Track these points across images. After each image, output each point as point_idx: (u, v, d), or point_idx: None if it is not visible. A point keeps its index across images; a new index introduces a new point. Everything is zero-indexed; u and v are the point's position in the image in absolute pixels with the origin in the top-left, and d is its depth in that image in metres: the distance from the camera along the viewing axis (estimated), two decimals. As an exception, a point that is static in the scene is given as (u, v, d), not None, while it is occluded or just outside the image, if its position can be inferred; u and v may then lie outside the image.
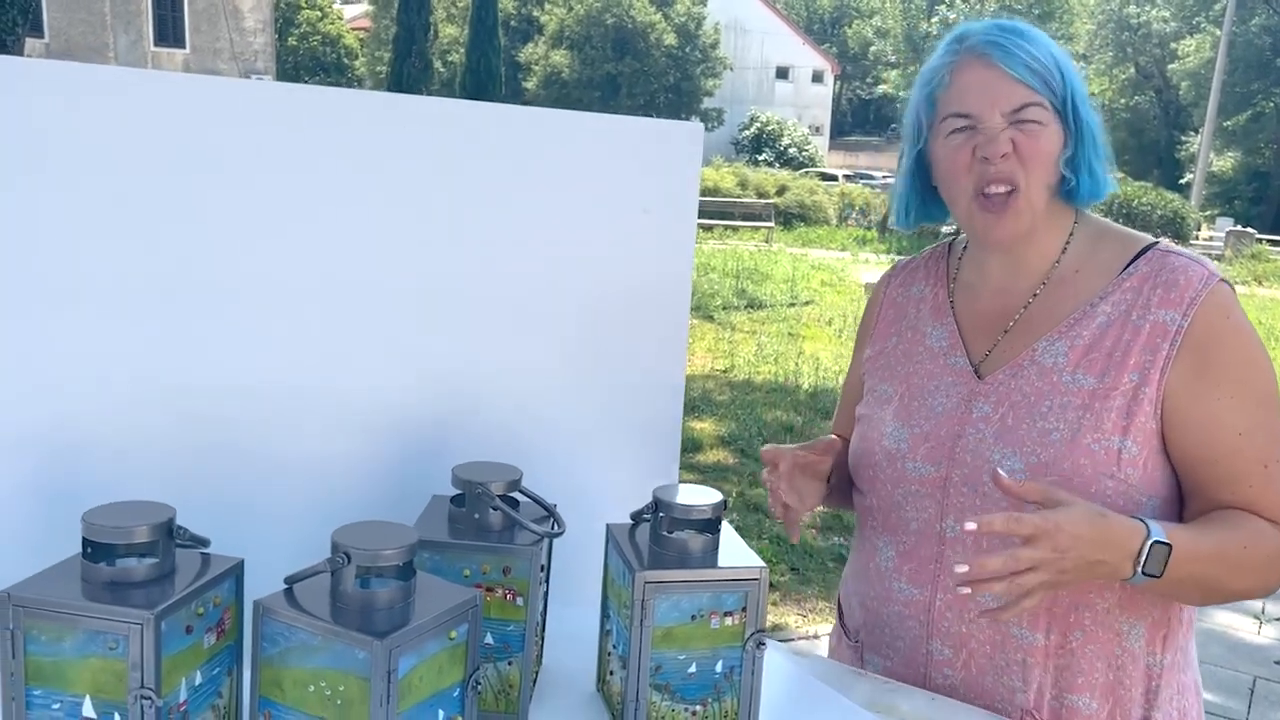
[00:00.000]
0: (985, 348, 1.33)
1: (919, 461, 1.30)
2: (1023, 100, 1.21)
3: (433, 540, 1.09)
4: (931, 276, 1.45)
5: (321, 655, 0.89)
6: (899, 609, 1.33)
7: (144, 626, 0.88)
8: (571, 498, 1.31)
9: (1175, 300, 1.22)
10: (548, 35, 31.53)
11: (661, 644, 1.07)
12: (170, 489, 1.06)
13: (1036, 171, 1.23)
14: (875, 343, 1.46)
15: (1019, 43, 1.22)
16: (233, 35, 28.01)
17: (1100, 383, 1.22)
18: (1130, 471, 1.20)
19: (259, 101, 1.12)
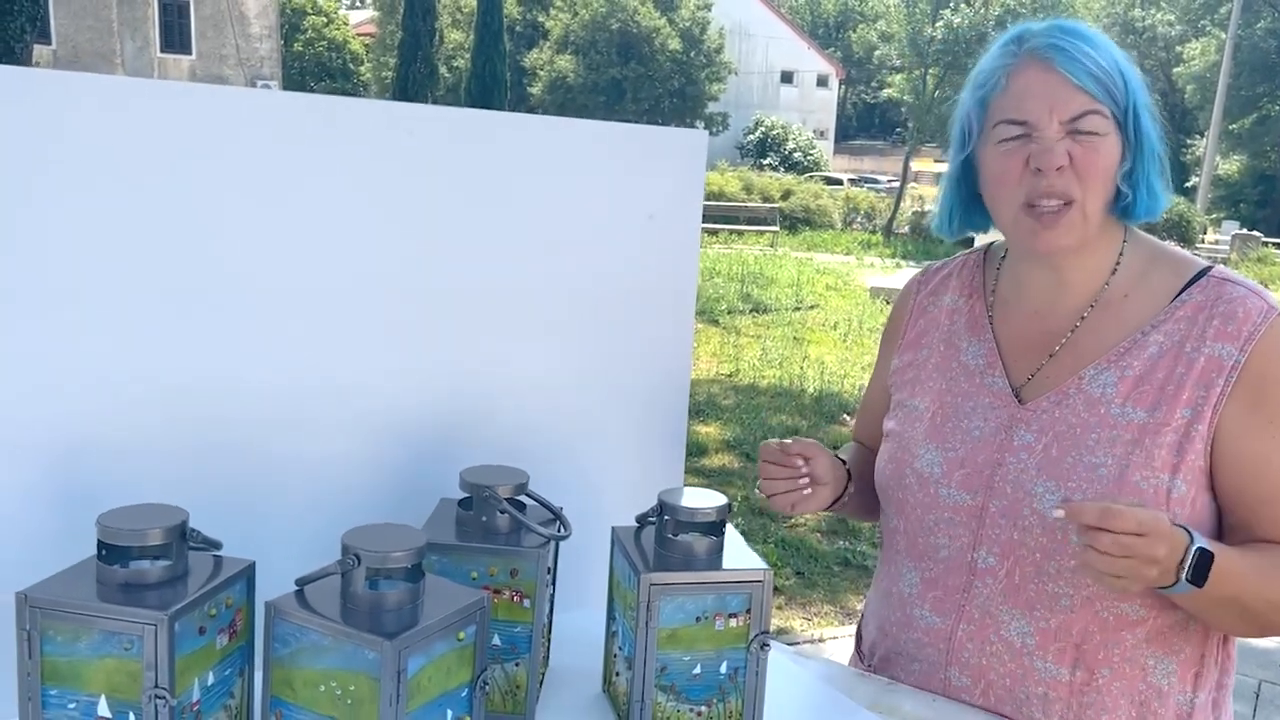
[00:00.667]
0: (1026, 370, 1.27)
1: (953, 488, 1.26)
2: (1083, 108, 1.15)
3: (440, 543, 1.11)
4: (966, 287, 1.38)
5: (332, 656, 0.91)
6: (919, 636, 1.30)
7: (158, 627, 0.89)
8: (579, 501, 1.32)
9: (1233, 334, 1.17)
10: (553, 40, 31.59)
11: (666, 645, 1.09)
12: (183, 492, 1.07)
13: (1094, 186, 1.17)
14: (904, 353, 1.41)
15: (1083, 47, 1.16)
16: (239, 41, 28.09)
17: (1151, 417, 1.17)
18: (1178, 511, 1.16)
19: (265, 109, 1.14)
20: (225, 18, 27.86)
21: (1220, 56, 27.86)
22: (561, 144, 1.33)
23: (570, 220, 1.34)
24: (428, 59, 21.47)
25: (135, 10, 26.25)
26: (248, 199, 1.13)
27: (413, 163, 1.23)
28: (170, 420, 1.13)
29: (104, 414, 1.10)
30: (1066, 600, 1.20)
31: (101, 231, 1.06)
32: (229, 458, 1.17)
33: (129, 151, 1.06)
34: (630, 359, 1.42)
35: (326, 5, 38.06)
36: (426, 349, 1.29)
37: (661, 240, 1.41)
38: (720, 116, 34.02)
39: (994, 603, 1.24)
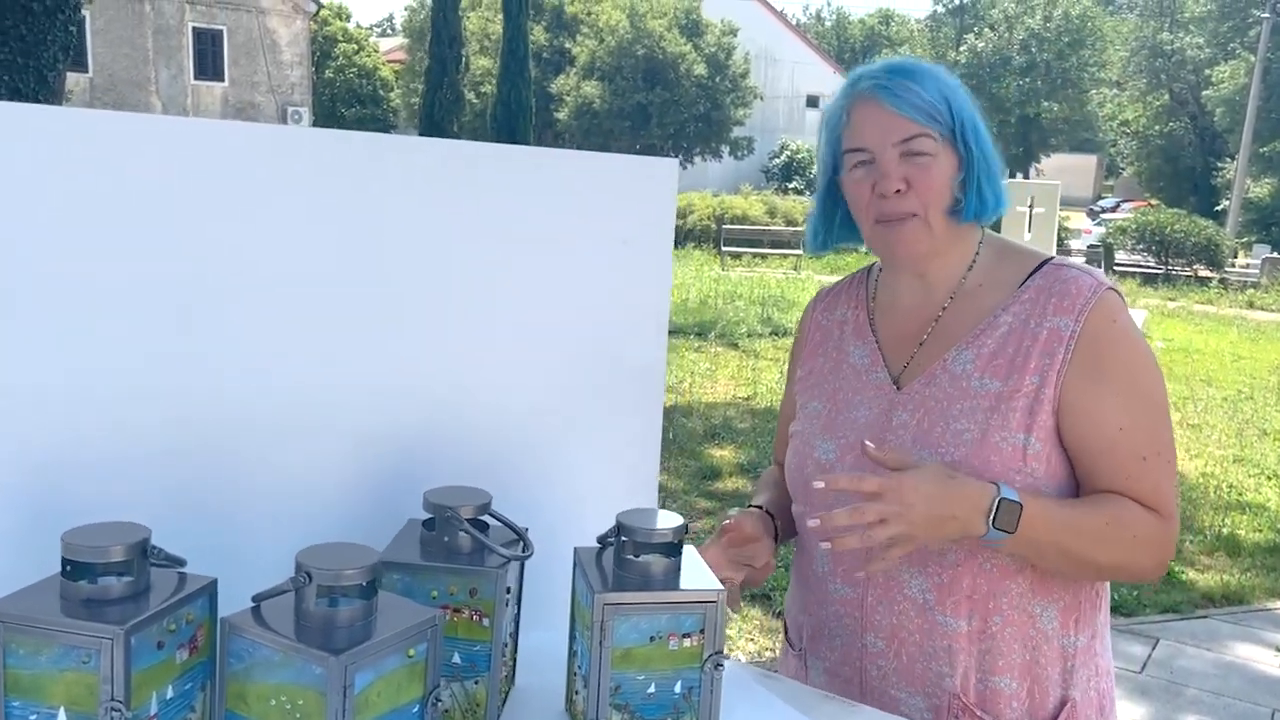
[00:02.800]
0: (902, 360, 1.44)
1: (847, 469, 1.39)
2: (911, 133, 1.33)
3: (400, 562, 1.13)
4: (852, 300, 1.56)
5: (283, 671, 0.93)
6: (835, 609, 1.43)
7: (114, 642, 0.92)
8: (552, 522, 1.35)
9: (1068, 308, 1.33)
10: (579, 66, 31.87)
11: (621, 664, 1.10)
12: (152, 510, 1.10)
13: (932, 200, 1.34)
14: (804, 364, 1.57)
15: (905, 83, 1.34)
16: (270, 69, 28.56)
17: (1005, 385, 1.33)
18: (1035, 466, 1.31)
19: (238, 139, 1.18)
20: (257, 46, 28.35)
21: (1249, 79, 27.66)
22: (537, 172, 1.37)
23: (544, 246, 1.37)
24: (454, 86, 21.73)
25: (170, 39, 26.77)
26: (213, 222, 1.17)
27: (387, 190, 1.27)
28: (141, 440, 1.16)
29: (77, 433, 1.13)
30: (953, 555, 1.34)
31: (68, 254, 1.10)
32: (200, 477, 1.20)
33: (102, 176, 1.10)
34: (604, 382, 1.44)
35: (357, 33, 38.65)
36: (399, 370, 1.32)
37: (634, 266, 1.43)
38: (746, 141, 34.14)
39: (892, 565, 1.34)
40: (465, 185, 1.31)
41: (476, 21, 33.09)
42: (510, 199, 1.34)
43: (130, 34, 26.14)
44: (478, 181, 1.32)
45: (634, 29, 31.21)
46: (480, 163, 1.33)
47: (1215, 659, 4.14)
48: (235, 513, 1.22)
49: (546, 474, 1.43)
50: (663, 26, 31.48)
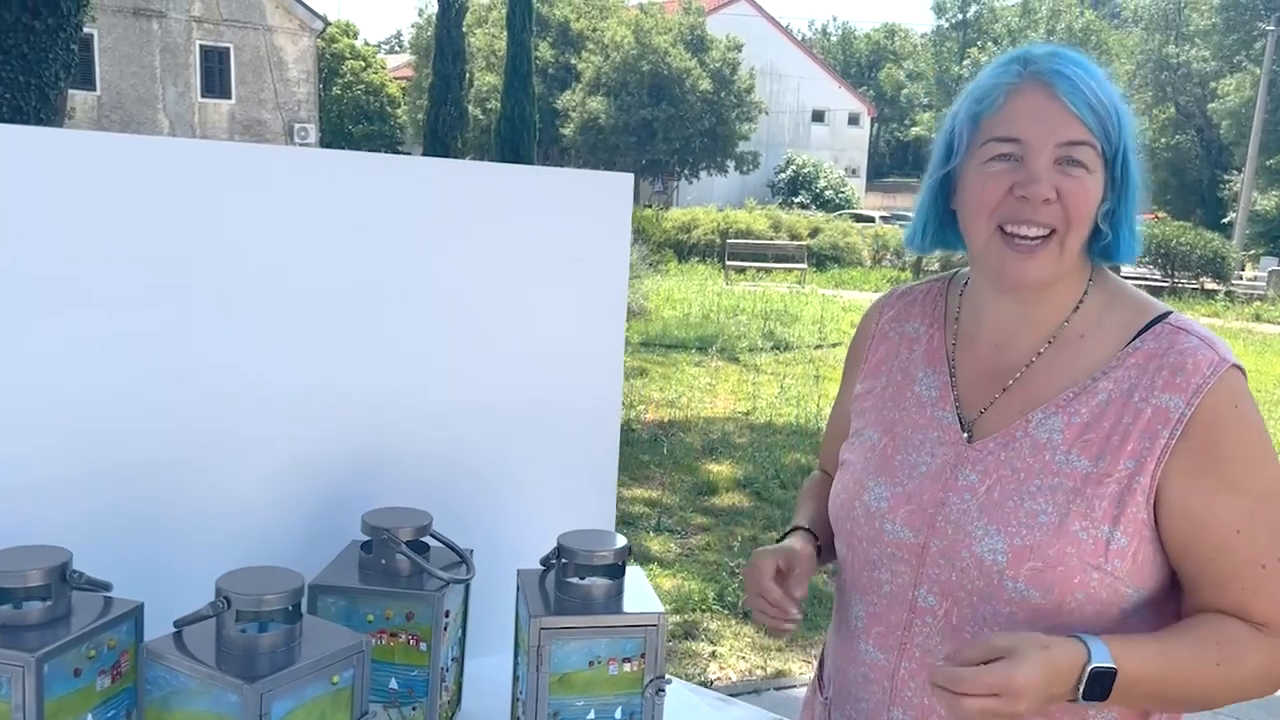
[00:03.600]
0: (978, 404, 1.25)
1: (898, 524, 1.24)
2: (1079, 137, 1.12)
3: (333, 585, 1.11)
4: (928, 315, 1.35)
5: (200, 699, 0.91)
6: (864, 671, 1.28)
7: (25, 670, 0.90)
8: (505, 544, 1.32)
9: (1182, 385, 1.14)
10: (585, 82, 31.95)
11: (559, 690, 1.08)
12: (87, 535, 1.09)
13: (1078, 223, 1.14)
14: (865, 380, 1.38)
15: (1085, 78, 1.13)
16: (277, 86, 28.68)
17: (1095, 467, 1.15)
18: (1118, 564, 1.14)
19: (183, 156, 1.16)
20: (264, 63, 28.49)
21: (1255, 92, 27.62)
22: (490, 188, 1.35)
23: (495, 262, 1.35)
24: (457, 102, 21.78)
25: (177, 57, 26.92)
26: (147, 243, 1.15)
27: (335, 205, 1.25)
28: (78, 463, 1.14)
29: (12, 456, 1.11)
30: None
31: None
32: (138, 500, 1.18)
33: (37, 196, 1.08)
34: (559, 401, 1.42)
35: (365, 50, 38.85)
36: (346, 390, 1.29)
37: (589, 281, 1.41)
38: (751, 155, 34.16)
39: (933, 642, 1.22)
40: (411, 201, 1.29)
41: (482, 38, 33.23)
42: (458, 215, 1.32)
43: (138, 52, 26.30)
44: (424, 198, 1.30)
45: (639, 45, 31.28)
46: (428, 179, 1.31)
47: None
48: (175, 536, 1.20)
49: (501, 495, 1.40)
50: (668, 42, 31.56)
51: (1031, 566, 1.14)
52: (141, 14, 26.09)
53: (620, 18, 32.79)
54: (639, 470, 6.22)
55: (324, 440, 1.28)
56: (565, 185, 1.40)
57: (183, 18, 26.76)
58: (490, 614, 1.31)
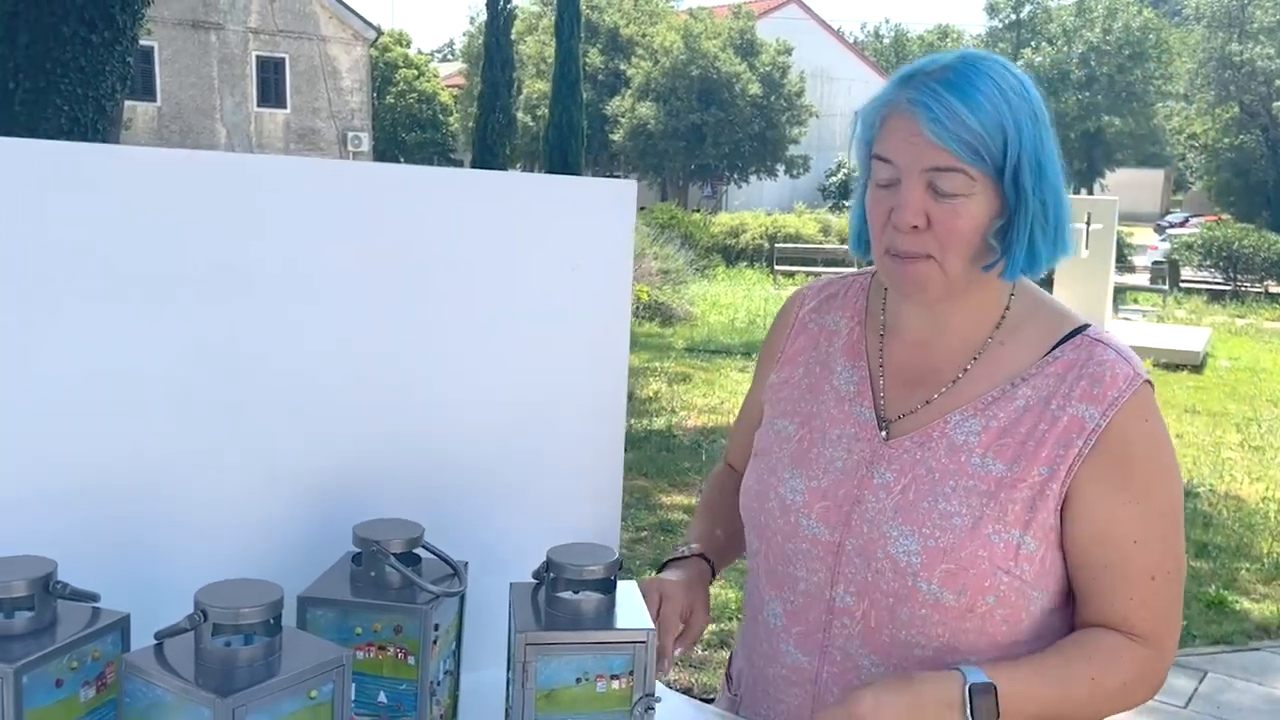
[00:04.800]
0: (900, 403, 1.25)
1: (814, 520, 1.24)
2: (942, 164, 1.12)
3: (320, 597, 1.10)
4: (849, 309, 1.36)
5: (176, 713, 0.90)
6: (785, 673, 1.28)
7: (3, 680, 0.90)
8: (506, 557, 1.31)
9: (1098, 397, 1.16)
10: (634, 88, 32.02)
11: (545, 707, 1.06)
12: (80, 549, 1.09)
13: (953, 248, 1.15)
14: (781, 369, 1.37)
15: (952, 106, 1.11)
16: (331, 95, 29.14)
17: (1010, 471, 1.17)
18: (1026, 568, 1.16)
19: (168, 167, 1.16)
20: (318, 73, 28.96)
21: (1322, 89, 26.83)
22: (488, 196, 1.34)
23: (498, 273, 1.34)
24: (506, 109, 21.96)
25: (234, 68, 27.47)
26: (146, 259, 1.15)
27: (329, 216, 1.24)
28: (69, 476, 1.14)
29: (13, 466, 1.12)
30: (919, 650, 1.19)
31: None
32: (131, 513, 1.18)
33: (52, 212, 1.09)
34: (560, 412, 1.40)
35: (418, 58, 39.34)
36: (345, 402, 1.29)
37: (591, 290, 1.39)
38: (801, 159, 33.98)
39: (854, 645, 1.23)
40: (409, 211, 1.28)
41: (533, 45, 33.46)
42: (457, 224, 1.31)
43: (196, 63, 26.87)
44: (424, 206, 1.29)
45: (688, 50, 31.28)
46: (427, 188, 1.30)
47: (1266, 694, 3.96)
48: (167, 549, 1.20)
49: (503, 508, 1.39)
50: (717, 47, 31.52)
51: (945, 568, 1.15)
52: (200, 26, 26.67)
53: (669, 23, 32.83)
54: (679, 477, 6.19)
55: (321, 453, 1.27)
56: (568, 193, 1.39)
57: (239, 29, 27.30)
58: (489, 627, 1.30)
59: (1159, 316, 15.03)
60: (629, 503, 5.55)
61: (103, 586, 1.04)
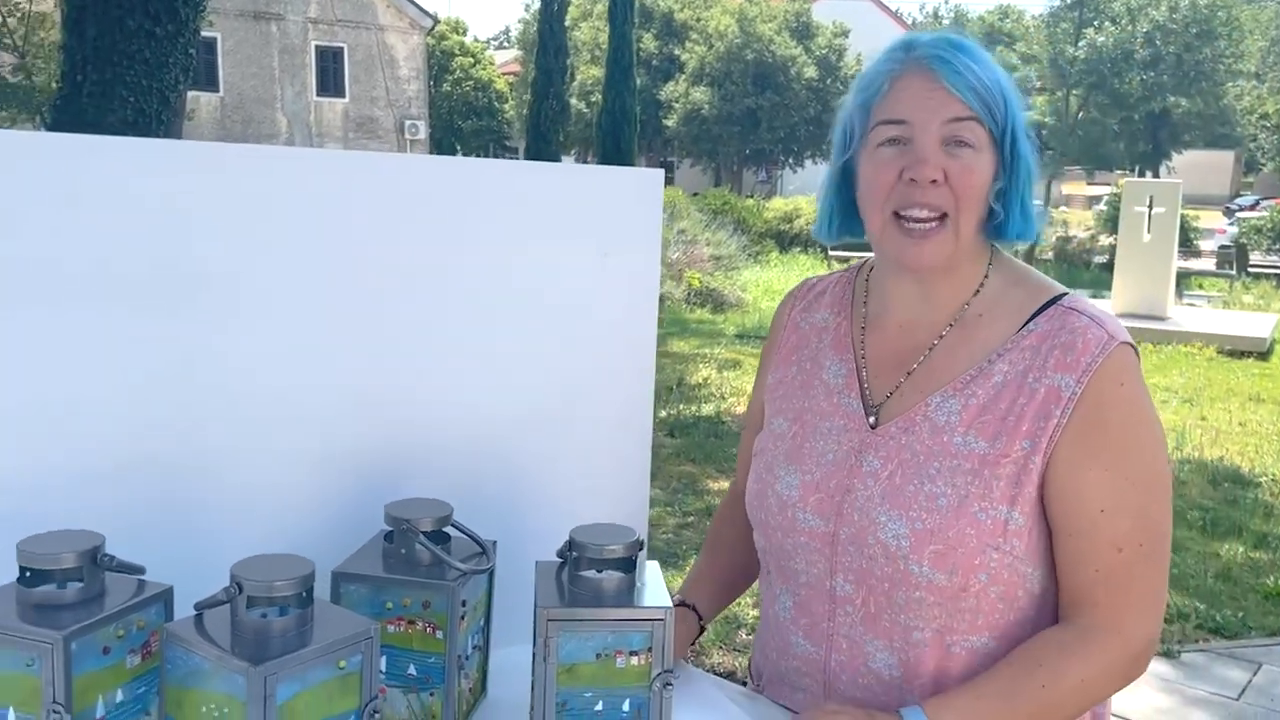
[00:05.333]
0: (885, 389, 1.27)
1: (809, 513, 1.27)
2: (963, 114, 1.15)
3: (352, 573, 1.15)
4: (836, 304, 1.38)
5: (212, 679, 0.96)
6: (797, 664, 1.31)
7: (54, 647, 0.96)
8: (538, 537, 1.34)
9: (1072, 364, 1.16)
10: (688, 73, 31.92)
11: (566, 681, 1.10)
12: (127, 524, 1.15)
13: (968, 203, 1.17)
14: (776, 370, 1.40)
15: (966, 61, 1.16)
16: (388, 84, 29.45)
17: (992, 448, 1.17)
18: (1016, 543, 1.17)
19: (206, 159, 1.21)
20: (376, 62, 29.28)
21: (1402, 66, 25.88)
22: (517, 184, 1.37)
23: (524, 259, 1.37)
24: (560, 96, 22.03)
25: (294, 58, 27.88)
26: (177, 239, 1.20)
27: (360, 204, 1.29)
28: (116, 454, 1.20)
29: (53, 447, 1.18)
30: (918, 633, 1.21)
31: (36, 280, 1.15)
32: (175, 490, 1.24)
33: (45, 209, 1.15)
34: (590, 396, 1.44)
35: (474, 46, 39.57)
36: (379, 385, 1.33)
37: (620, 276, 1.42)
38: (858, 143, 33.63)
39: (857, 632, 1.25)
40: (443, 200, 1.32)
41: (588, 31, 33.49)
42: (487, 211, 1.34)
43: (257, 54, 27.32)
44: (456, 196, 1.33)
45: (743, 33, 31.10)
46: (457, 177, 1.34)
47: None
48: (211, 524, 1.25)
49: (535, 489, 1.43)
50: (772, 30, 31.29)
51: (933, 549, 1.16)
52: (261, 17, 27.10)
53: (724, 7, 32.64)
54: (727, 463, 6.21)
55: (356, 435, 1.32)
56: (595, 182, 1.42)
57: (299, 19, 27.69)
58: (519, 604, 1.34)
59: (1225, 302, 14.65)
60: (676, 488, 5.59)
61: (148, 560, 1.09)
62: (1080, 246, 19.40)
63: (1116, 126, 25.10)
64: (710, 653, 3.66)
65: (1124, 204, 11.54)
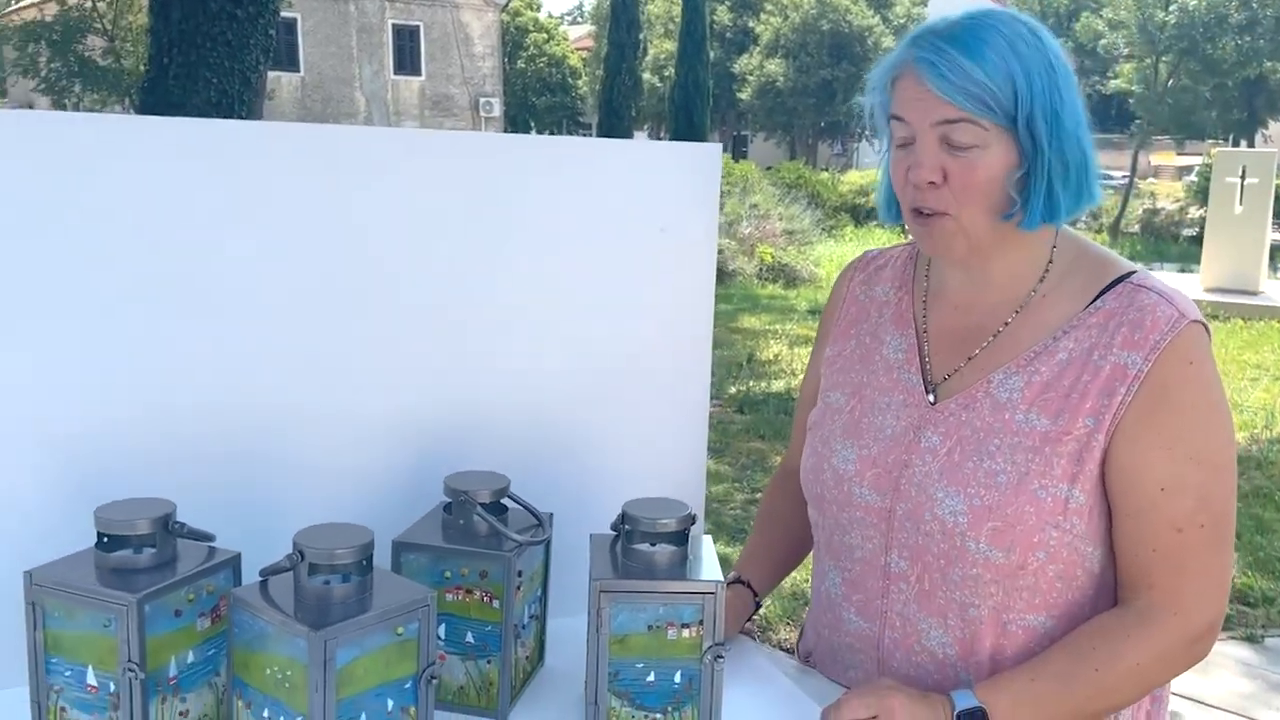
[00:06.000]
0: (944, 367, 1.26)
1: (865, 488, 1.26)
2: (949, 116, 1.12)
3: (412, 542, 1.18)
4: (897, 278, 1.36)
5: (276, 643, 0.99)
6: (850, 641, 1.30)
7: (129, 609, 1.01)
8: (597, 510, 1.36)
9: (1140, 342, 1.13)
10: (763, 45, 31.57)
11: (619, 651, 1.11)
12: (198, 493, 1.19)
13: (970, 201, 1.15)
14: (835, 343, 1.39)
15: (956, 60, 1.11)
16: (463, 61, 29.69)
17: (1054, 425, 1.15)
18: (1076, 521, 1.15)
19: (266, 138, 1.25)
20: (451, 40, 29.53)
21: None
22: (575, 160, 1.38)
23: (582, 235, 1.39)
24: (632, 71, 21.96)
25: (372, 37, 28.26)
26: (235, 220, 1.24)
27: (421, 182, 1.31)
28: (191, 426, 1.25)
29: (131, 418, 1.23)
30: (974, 610, 1.20)
31: (122, 258, 1.19)
32: (245, 461, 1.28)
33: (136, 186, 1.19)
34: (647, 371, 1.45)
35: (548, 22, 39.65)
36: (440, 360, 1.36)
37: (677, 251, 1.43)
38: (936, 114, 32.95)
39: (911, 609, 1.24)
40: (502, 176, 1.34)
41: (661, 5, 33.31)
42: (545, 188, 1.36)
43: (336, 34, 27.75)
44: (515, 172, 1.35)
45: (819, 4, 30.65)
46: (517, 153, 1.36)
47: None
48: (278, 495, 1.30)
49: (594, 464, 1.44)
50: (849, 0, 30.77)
51: (991, 526, 1.15)
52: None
53: (799, -23, 32.14)
54: (798, 438, 6.18)
55: (417, 409, 1.35)
56: (653, 157, 1.42)
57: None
58: (578, 576, 1.36)
59: (1322, 276, 14.06)
60: (745, 465, 5.58)
61: (217, 528, 1.14)
62: (1168, 219, 18.78)
63: (1209, 94, 24.16)
64: (777, 628, 3.67)
65: (1215, 175, 11.16)
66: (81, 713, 1.05)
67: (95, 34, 17.31)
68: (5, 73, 19.10)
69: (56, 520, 1.17)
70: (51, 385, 1.19)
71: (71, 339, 1.19)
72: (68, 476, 1.20)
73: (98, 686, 1.04)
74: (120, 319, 1.20)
